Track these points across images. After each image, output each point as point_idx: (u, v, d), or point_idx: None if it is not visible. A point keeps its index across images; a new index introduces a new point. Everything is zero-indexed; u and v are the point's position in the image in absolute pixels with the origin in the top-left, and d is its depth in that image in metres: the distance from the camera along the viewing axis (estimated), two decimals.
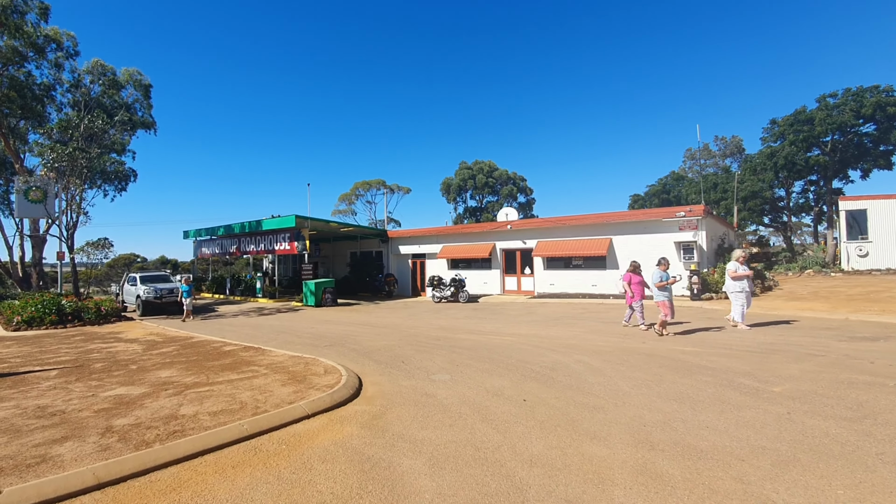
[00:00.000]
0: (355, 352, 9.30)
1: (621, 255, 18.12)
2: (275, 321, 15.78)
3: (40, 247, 25.25)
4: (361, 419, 5.12)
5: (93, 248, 17.61)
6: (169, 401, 5.61)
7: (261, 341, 11.04)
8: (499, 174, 61.31)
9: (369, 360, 8.34)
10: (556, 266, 20.04)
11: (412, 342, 10.24)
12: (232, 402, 5.49)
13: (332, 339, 11.05)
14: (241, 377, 6.86)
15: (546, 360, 7.83)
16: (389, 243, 26.69)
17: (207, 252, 30.31)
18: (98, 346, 10.78)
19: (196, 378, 6.90)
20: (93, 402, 5.72)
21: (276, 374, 7.03)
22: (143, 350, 10.03)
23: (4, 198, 27.61)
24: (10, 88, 22.57)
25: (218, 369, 7.54)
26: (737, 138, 39.07)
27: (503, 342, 9.77)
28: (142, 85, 28.33)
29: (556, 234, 19.88)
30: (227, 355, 8.92)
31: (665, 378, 6.35)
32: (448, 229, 24.70)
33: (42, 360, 9.17)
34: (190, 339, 11.63)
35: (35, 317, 14.86)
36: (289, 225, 22.34)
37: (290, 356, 8.54)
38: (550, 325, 12.29)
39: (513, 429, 4.67)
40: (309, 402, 5.46)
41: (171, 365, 8.14)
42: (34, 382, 7.01)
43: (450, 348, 9.28)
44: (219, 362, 8.20)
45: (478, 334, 11.08)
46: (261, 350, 9.38)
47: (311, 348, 9.87)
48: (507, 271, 21.84)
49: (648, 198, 40.59)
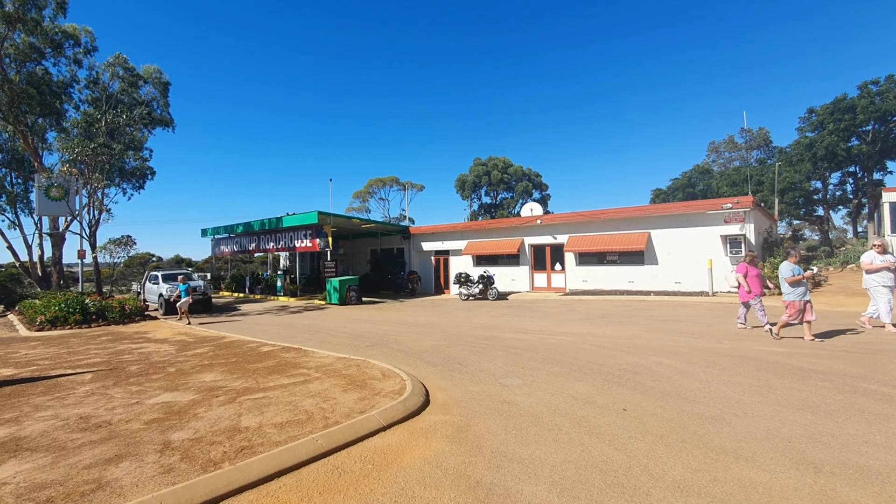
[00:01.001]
0: (402, 353, 8.68)
1: (660, 249, 17.32)
2: (303, 320, 15.23)
3: (60, 245, 24.99)
4: (445, 432, 4.48)
5: (115, 246, 17.18)
6: (224, 410, 5.02)
7: (297, 341, 10.47)
8: (514, 170, 60.54)
9: (422, 363, 7.72)
10: (588, 262, 19.28)
11: (459, 342, 9.60)
12: (296, 412, 4.87)
13: (372, 339, 10.45)
14: (294, 381, 6.26)
15: (619, 361, 7.15)
16: (411, 240, 26.07)
17: (226, 250, 29.94)
18: (128, 347, 10.28)
19: (245, 382, 6.31)
20: (139, 410, 5.14)
21: (329, 377, 6.42)
22: (176, 351, 9.50)
23: (23, 196, 27.40)
24: (28, 84, 22.27)
25: (264, 372, 6.95)
26: (763, 130, 37.86)
27: (559, 342, 9.09)
28: (160, 82, 27.96)
29: (589, 228, 19.12)
30: (267, 356, 8.34)
31: (773, 383, 5.63)
32: (473, 225, 24.02)
33: (72, 362, 8.66)
34: (222, 338, 11.10)
35: (59, 316, 14.46)
36: (310, 222, 21.80)
37: (336, 357, 7.94)
38: (600, 323, 11.57)
39: (631, 445, 4.00)
40: (381, 412, 4.83)
41: (211, 367, 7.58)
42: (69, 387, 6.47)
43: (504, 349, 8.62)
44: (261, 364, 7.62)
45: (527, 333, 10.40)
46: (302, 351, 8.79)
47: (352, 349, 9.27)
48: (537, 267, 21.12)
49: (672, 192, 39.52)
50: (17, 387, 6.64)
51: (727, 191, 29.11)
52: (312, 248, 22.92)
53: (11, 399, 5.92)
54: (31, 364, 8.59)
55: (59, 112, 24.65)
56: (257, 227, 25.72)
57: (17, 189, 26.93)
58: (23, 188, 27.28)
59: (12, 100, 21.84)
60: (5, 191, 26.41)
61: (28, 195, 27.35)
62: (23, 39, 22.95)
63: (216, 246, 31.05)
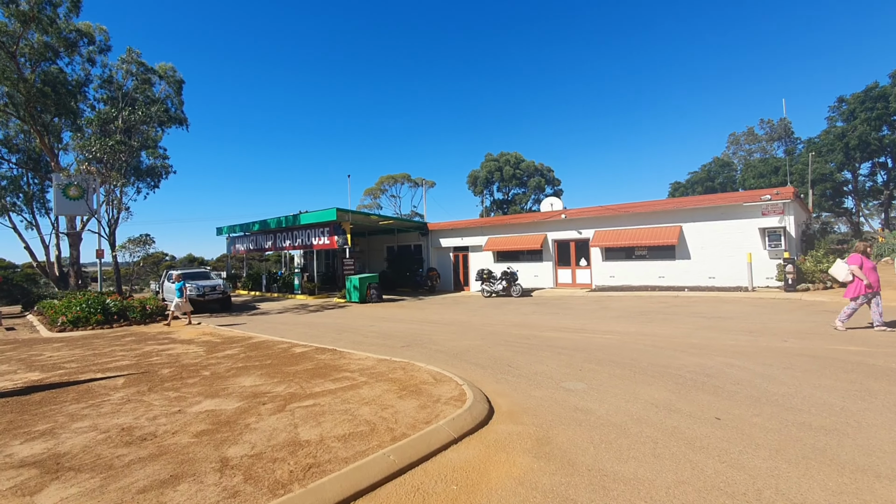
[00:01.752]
0: (443, 354, 8.24)
1: (693, 243, 16.72)
2: (326, 319, 14.86)
3: (77, 245, 24.87)
4: (524, 445, 4.03)
5: (134, 245, 16.93)
6: (277, 420, 4.61)
7: (327, 341, 10.08)
8: (526, 166, 59.90)
9: (468, 364, 7.28)
10: (616, 257, 18.72)
11: (499, 341, 9.15)
12: (356, 422, 4.45)
13: (405, 339, 10.03)
14: (341, 387, 5.84)
15: (685, 363, 6.65)
16: (429, 236, 25.64)
17: (241, 248, 29.72)
18: (154, 348, 9.95)
19: (288, 388, 5.91)
20: (184, 420, 4.74)
21: (378, 382, 5.99)
22: (205, 353, 9.14)
23: (39, 196, 27.32)
24: (43, 84, 22.09)
25: (305, 376, 6.55)
26: (785, 121, 36.82)
27: (608, 341, 8.60)
28: (174, 80, 27.70)
29: (616, 222, 18.55)
30: (302, 358, 7.95)
31: (872, 387, 5.12)
32: (493, 220, 23.53)
33: (100, 365, 8.33)
34: (249, 339, 10.74)
35: (80, 317, 14.22)
36: (329, 219, 21.43)
37: (376, 359, 7.52)
38: (642, 320, 11.05)
39: (747, 461, 3.52)
40: (449, 422, 4.39)
41: (246, 370, 7.19)
42: (102, 394, 6.11)
43: (550, 349, 8.15)
44: (299, 367, 7.22)
45: (568, 332, 9.92)
46: (337, 352, 8.39)
47: (388, 349, 8.86)
48: (560, 263, 20.59)
49: (690, 185, 38.66)
50: (47, 393, 6.29)
51: (754, 183, 28.27)
52: (330, 245, 22.57)
53: (43, 407, 5.56)
54: (58, 367, 8.27)
55: (74, 111, 24.48)
56: (273, 224, 25.43)
57: (33, 189, 26.85)
58: (39, 188, 27.20)
59: (28, 99, 21.68)
60: (22, 190, 26.35)
61: (44, 195, 27.27)
62: (37, 39, 22.79)
63: (231, 244, 30.85)
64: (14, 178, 26.17)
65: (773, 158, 31.19)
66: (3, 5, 20.51)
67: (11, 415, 5.30)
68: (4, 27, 21.68)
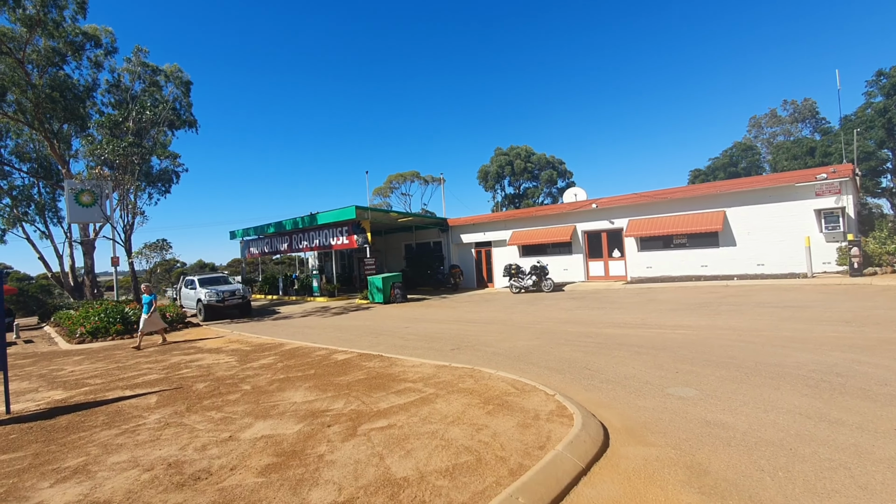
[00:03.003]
0: (501, 356, 7.43)
1: (738, 229, 15.74)
2: (354, 321, 14.09)
3: (91, 253, 24.34)
4: (675, 475, 3.20)
5: (151, 251, 16.28)
6: (354, 448, 3.80)
7: (365, 346, 9.30)
8: (537, 158, 58.96)
9: (539, 368, 6.46)
10: (652, 246, 17.78)
11: (557, 340, 8.31)
12: (453, 449, 3.64)
13: (451, 341, 9.22)
14: (410, 401, 5.04)
15: (798, 360, 5.78)
16: (449, 232, 24.81)
17: (256, 251, 29.09)
18: (182, 359, 9.22)
19: (348, 403, 5.12)
20: (240, 451, 3.96)
21: (451, 394, 5.19)
22: (238, 363, 8.39)
23: (51, 205, 26.84)
24: (52, 89, 21.53)
25: (362, 388, 5.76)
26: (809, 101, 35.52)
27: (684, 337, 7.73)
28: (182, 82, 27.05)
29: (652, 210, 17.60)
30: (348, 366, 7.16)
31: None
32: (517, 213, 22.64)
33: (126, 380, 7.60)
34: (281, 346, 9.98)
35: (99, 327, 13.56)
36: (347, 217, 20.66)
37: (435, 366, 6.71)
38: (706, 312, 10.14)
39: None
40: (568, 447, 3.56)
41: (290, 382, 6.41)
42: (136, 415, 5.36)
43: (623, 347, 7.30)
44: (350, 377, 6.44)
45: (631, 327, 9.05)
46: (385, 358, 7.59)
47: (437, 353, 8.05)
48: (591, 255, 19.68)
49: (711, 171, 37.45)
50: (74, 416, 5.56)
51: (787, 165, 27.09)
52: (349, 245, 21.82)
53: (71, 435, 4.82)
54: (82, 384, 7.56)
55: (83, 117, 23.93)
56: (289, 226, 24.74)
57: (45, 198, 26.37)
58: (51, 197, 26.72)
59: (37, 105, 21.13)
60: (33, 200, 25.87)
61: (56, 203, 26.78)
62: (44, 44, 22.24)
63: (245, 248, 30.23)
64: (25, 188, 25.70)
65: (806, 139, 29.89)
66: (8, 10, 19.95)
67: (37, 445, 4.56)
68: (10, 33, 21.16)
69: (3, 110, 20.83)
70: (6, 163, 24.92)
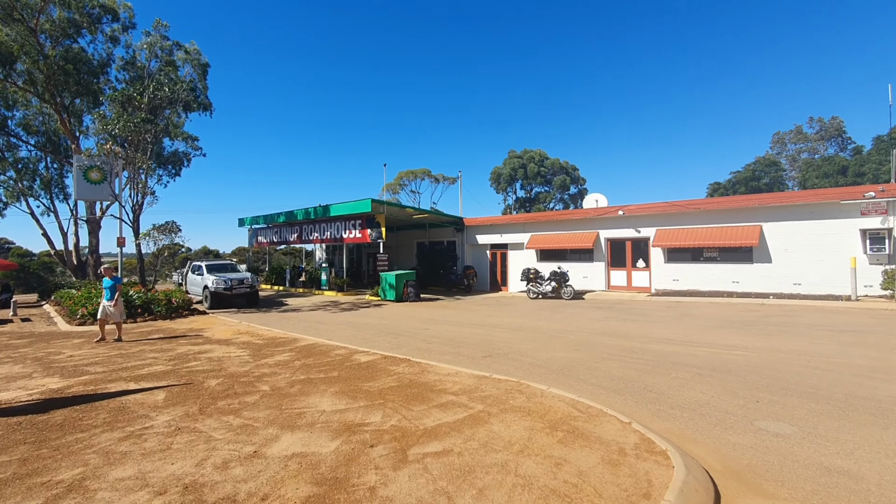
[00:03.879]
0: (542, 368, 6.74)
1: (775, 245, 14.98)
2: (368, 319, 13.40)
3: (96, 232, 23.75)
4: None
5: (159, 233, 15.64)
6: (410, 480, 3.12)
7: (386, 347, 8.62)
8: (550, 163, 58.39)
9: (591, 386, 5.76)
10: (680, 258, 17.05)
11: (601, 354, 7.61)
12: (537, 492, 2.94)
13: (479, 347, 8.52)
14: (458, 419, 4.36)
15: (892, 394, 5.07)
16: (465, 232, 24.12)
17: (264, 240, 28.46)
18: (189, 350, 8.55)
19: (386, 416, 4.44)
20: (269, 473, 3.28)
21: (505, 413, 4.50)
22: (251, 357, 7.72)
23: (58, 181, 26.26)
24: (65, 61, 20.93)
25: (397, 398, 5.07)
26: (837, 119, 34.65)
27: (746, 359, 7.01)
28: (200, 64, 26.39)
29: (683, 220, 16.86)
30: (374, 370, 6.48)
31: None
32: (538, 216, 21.92)
33: (130, 370, 6.94)
34: (295, 341, 9.31)
35: None
36: (362, 210, 20.01)
37: (473, 376, 6.03)
38: (755, 332, 9.41)
39: None
40: (679, 497, 2.86)
41: (313, 385, 5.73)
42: (142, 415, 4.69)
43: (680, 367, 6.59)
44: (379, 383, 5.76)
45: (679, 344, 8.33)
46: (414, 363, 6.91)
47: (469, 360, 7.36)
48: (614, 264, 18.95)
49: (732, 185, 36.65)
50: (71, 411, 4.89)
51: (818, 182, 26.31)
52: (362, 239, 21.14)
53: (67, 436, 4.15)
54: (81, 371, 6.90)
55: (95, 92, 23.35)
56: (300, 216, 24.10)
57: (52, 173, 25.79)
58: (58, 172, 26.14)
59: (49, 76, 20.55)
60: (39, 175, 25.29)
61: (63, 179, 26.21)
62: (59, 15, 21.66)
63: (253, 236, 29.64)
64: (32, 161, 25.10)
65: (837, 157, 29.10)
66: None
67: (25, 447, 3.89)
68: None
69: (12, 80, 20.26)
70: (13, 134, 24.34)
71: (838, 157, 28.38)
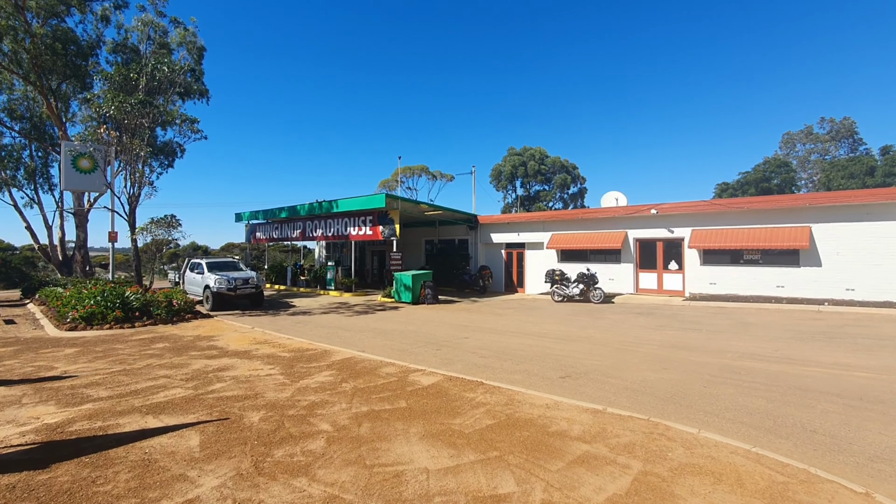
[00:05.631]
0: (645, 395, 5.61)
1: (825, 248, 14.07)
2: (391, 324, 12.16)
3: (84, 226, 22.11)
4: None
5: (157, 227, 14.22)
6: None
7: (435, 361, 7.44)
8: (551, 161, 57.66)
9: (726, 422, 4.66)
10: (718, 260, 16.08)
11: (701, 376, 6.50)
12: None
13: (545, 363, 7.37)
14: (622, 486, 3.20)
15: None
16: (478, 230, 22.96)
17: (263, 237, 26.98)
18: (207, 365, 7.26)
19: (523, 482, 3.26)
20: None
21: (681, 476, 3.35)
22: (286, 377, 6.46)
23: (43, 170, 24.49)
24: (53, 39, 19.28)
25: (515, 448, 3.90)
26: (848, 120, 34.16)
27: (886, 385, 5.95)
28: (196, 47, 24.77)
29: (721, 220, 15.89)
30: (449, 398, 5.30)
31: None
32: (559, 214, 20.84)
33: (143, 395, 5.66)
34: (327, 354, 8.06)
35: (95, 312, 11.54)
36: (375, 206, 18.73)
37: (580, 409, 4.87)
38: (852, 347, 8.38)
39: None
40: None
41: (385, 422, 4.53)
42: (177, 475, 3.45)
43: (809, 393, 5.51)
44: (470, 420, 4.58)
45: (774, 362, 7.25)
46: (491, 388, 5.74)
47: (544, 382, 6.20)
48: (643, 266, 17.94)
49: (741, 186, 36.01)
50: (79, 466, 3.63)
51: (844, 183, 25.69)
52: (373, 236, 19.85)
53: None
54: (82, 396, 5.61)
55: (84, 75, 21.69)
56: (304, 211, 22.71)
57: (36, 162, 24.01)
58: (42, 161, 24.36)
59: (35, 56, 18.90)
60: (23, 163, 23.51)
61: (48, 169, 24.47)
62: None
63: (251, 232, 28.13)
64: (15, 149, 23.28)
65: (865, 157, 28.47)
66: None
67: None
68: None
69: None
70: None
71: (866, 158, 27.74)
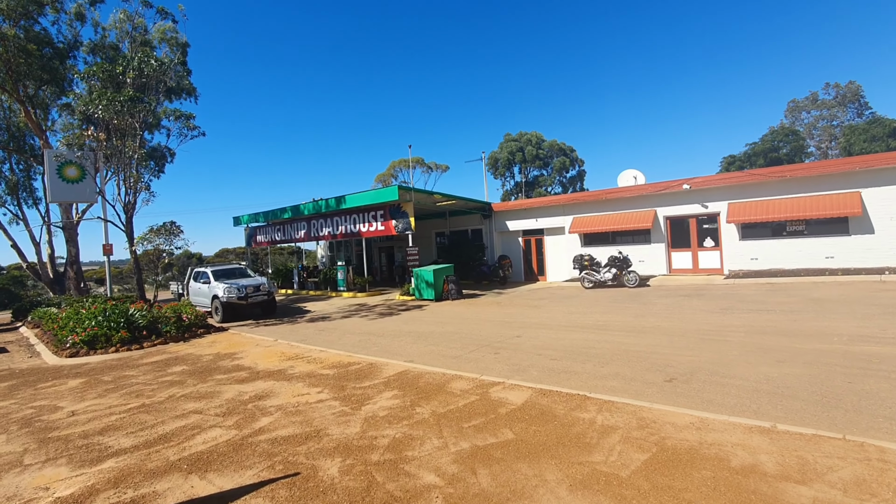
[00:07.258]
0: (796, 400, 4.62)
1: (878, 213, 13.17)
2: (427, 325, 11.09)
3: (74, 240, 20.77)
4: None
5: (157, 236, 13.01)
6: None
7: (505, 371, 6.43)
8: (548, 145, 56.70)
9: None
10: (758, 234, 15.15)
11: (836, 368, 5.53)
12: None
13: (632, 364, 6.36)
14: None
15: None
16: (493, 219, 21.90)
17: (264, 240, 25.75)
18: (241, 392, 6.17)
19: None
20: None
21: None
22: (342, 404, 5.39)
23: (25, 184, 23.00)
24: (26, 40, 17.79)
25: (708, 500, 2.86)
26: (854, 84, 33.36)
27: None
28: (178, 43, 23.28)
29: (761, 191, 14.93)
30: (560, 424, 4.27)
31: None
32: (579, 196, 19.81)
33: (175, 442, 4.58)
34: (376, 369, 6.98)
35: (98, 334, 10.36)
36: (387, 199, 17.61)
37: (738, 427, 3.87)
38: None
39: None
40: None
41: (505, 466, 3.50)
42: None
43: None
44: (612, 457, 3.55)
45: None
46: (599, 402, 4.72)
47: (649, 388, 5.20)
48: (675, 245, 16.99)
49: (748, 158, 35.16)
50: None
51: (866, 147, 24.88)
52: (386, 231, 18.73)
53: None
54: (99, 449, 4.51)
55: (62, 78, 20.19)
56: (308, 210, 21.55)
57: (18, 176, 22.52)
58: (24, 174, 22.88)
59: (7, 61, 17.43)
60: (4, 177, 22.03)
61: (31, 182, 22.98)
62: None
63: (251, 236, 26.89)
64: None
65: (886, 119, 27.59)
66: None
67: None
68: None
69: None
70: None
71: (887, 119, 26.86)
